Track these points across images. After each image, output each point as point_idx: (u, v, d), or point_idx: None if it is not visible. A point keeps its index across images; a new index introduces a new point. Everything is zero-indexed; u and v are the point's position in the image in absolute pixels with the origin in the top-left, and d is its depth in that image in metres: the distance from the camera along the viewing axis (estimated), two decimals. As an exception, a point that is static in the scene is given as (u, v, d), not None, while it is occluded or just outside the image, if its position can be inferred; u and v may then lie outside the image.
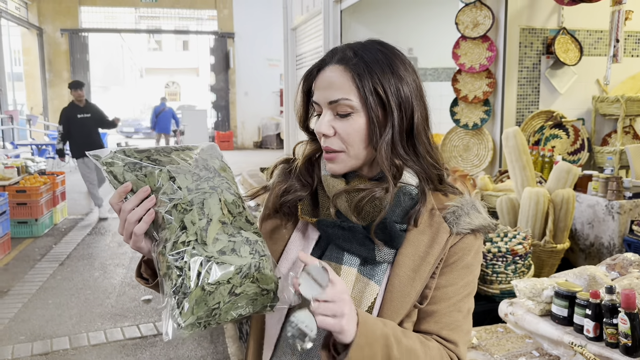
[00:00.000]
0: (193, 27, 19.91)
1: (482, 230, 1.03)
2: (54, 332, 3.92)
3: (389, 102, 0.98)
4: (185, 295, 0.86)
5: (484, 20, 3.69)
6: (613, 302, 1.73)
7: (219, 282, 0.87)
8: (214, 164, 1.00)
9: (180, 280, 0.86)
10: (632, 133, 4.05)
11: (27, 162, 7.17)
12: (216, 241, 0.90)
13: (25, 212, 6.44)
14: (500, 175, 3.70)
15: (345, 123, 0.99)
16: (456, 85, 3.83)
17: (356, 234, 1.00)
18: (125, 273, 5.23)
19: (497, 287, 2.45)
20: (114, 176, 0.94)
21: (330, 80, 0.99)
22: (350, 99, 0.98)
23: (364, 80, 0.97)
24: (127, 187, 0.93)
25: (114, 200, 0.94)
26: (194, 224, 0.89)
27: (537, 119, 3.89)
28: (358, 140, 1.00)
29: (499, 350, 1.92)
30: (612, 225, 2.86)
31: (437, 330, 1.01)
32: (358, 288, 1.00)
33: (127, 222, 0.92)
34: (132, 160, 0.94)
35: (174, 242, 0.88)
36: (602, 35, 3.99)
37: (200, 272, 0.86)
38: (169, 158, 0.96)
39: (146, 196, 0.92)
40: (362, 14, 6.29)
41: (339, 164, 1.01)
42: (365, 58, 0.99)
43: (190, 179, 0.93)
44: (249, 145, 17.06)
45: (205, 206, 0.91)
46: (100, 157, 0.95)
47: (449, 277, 1.02)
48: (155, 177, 0.92)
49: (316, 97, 1.02)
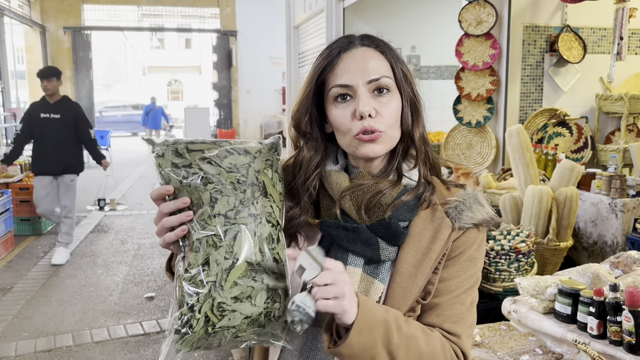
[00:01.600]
0: (195, 25, 19.90)
1: (484, 224, 1.02)
2: (57, 329, 3.93)
3: (412, 87, 1.01)
4: (189, 333, 0.87)
5: (487, 18, 3.68)
6: (617, 299, 1.73)
7: (224, 327, 0.88)
8: (265, 177, 0.94)
9: (187, 318, 0.86)
10: (636, 131, 4.04)
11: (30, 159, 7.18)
12: (234, 286, 0.88)
13: (28, 210, 6.45)
14: (503, 173, 3.69)
15: (384, 103, 0.98)
16: (459, 83, 3.82)
17: (360, 235, 0.99)
18: (128, 270, 5.24)
19: (500, 285, 2.45)
20: (160, 172, 0.92)
21: (365, 59, 0.98)
22: (390, 77, 0.99)
23: (395, 62, 1.00)
24: (168, 191, 0.91)
25: (154, 196, 0.92)
26: (218, 264, 0.87)
27: (541, 116, 3.88)
28: (395, 121, 1.00)
29: (502, 348, 1.92)
30: (615, 223, 2.86)
31: (439, 323, 1.00)
32: (363, 287, 1.00)
33: (162, 225, 0.91)
34: (181, 160, 0.90)
35: (194, 275, 0.87)
36: (606, 32, 3.98)
37: (208, 316, 0.86)
38: (218, 169, 0.90)
39: (184, 207, 0.90)
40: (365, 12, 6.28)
41: (381, 144, 0.99)
42: (388, 44, 1.02)
43: (232, 203, 0.90)
44: (251, 144, 17.05)
45: (236, 242, 0.88)
46: (155, 144, 0.92)
47: (451, 270, 1.02)
48: (197, 193, 0.90)
49: (346, 80, 0.98)
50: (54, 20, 15.54)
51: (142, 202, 8.55)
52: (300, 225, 1.03)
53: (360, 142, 0.98)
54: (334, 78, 0.99)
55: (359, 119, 0.97)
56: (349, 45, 1.00)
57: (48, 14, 15.48)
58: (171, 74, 33.57)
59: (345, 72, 0.98)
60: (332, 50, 1.01)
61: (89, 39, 16.21)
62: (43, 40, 15.45)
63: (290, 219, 1.02)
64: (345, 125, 0.99)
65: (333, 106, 1.00)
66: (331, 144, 1.08)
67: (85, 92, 16.22)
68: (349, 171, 1.04)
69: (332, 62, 0.99)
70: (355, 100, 0.97)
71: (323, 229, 1.02)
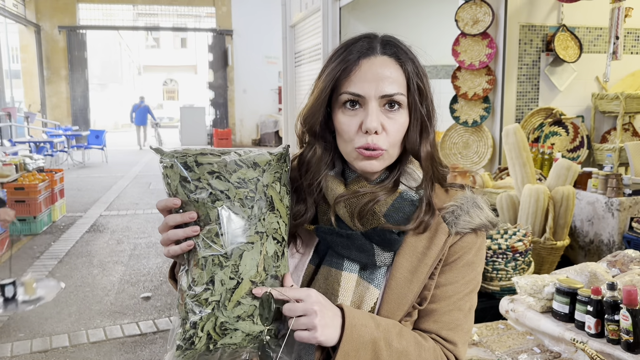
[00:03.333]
0: (191, 24, 19.86)
1: (482, 228, 1.01)
2: (53, 330, 3.91)
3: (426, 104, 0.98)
4: (190, 349, 0.88)
5: (484, 17, 3.68)
6: (614, 298, 1.73)
7: (225, 344, 0.89)
8: (274, 192, 0.94)
9: (189, 335, 0.87)
10: (632, 130, 4.05)
11: (25, 159, 7.15)
12: (237, 305, 0.88)
13: (24, 210, 6.42)
14: (499, 172, 3.70)
15: (392, 120, 0.96)
16: (456, 82, 3.82)
17: (355, 241, 0.98)
18: (124, 270, 5.23)
19: (498, 284, 2.45)
20: (168, 183, 0.91)
21: (383, 72, 0.95)
22: (404, 95, 0.96)
23: (413, 77, 0.96)
24: (175, 204, 0.90)
25: (160, 207, 0.92)
26: (222, 284, 0.88)
27: (537, 116, 3.89)
28: (399, 139, 0.98)
29: (500, 347, 1.92)
30: (611, 222, 2.87)
31: (436, 330, 1.00)
32: (358, 293, 0.99)
33: (167, 237, 0.90)
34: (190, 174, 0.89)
35: (197, 294, 0.88)
36: (602, 32, 3.99)
37: (211, 335, 0.88)
38: (227, 185, 0.89)
39: (190, 221, 0.89)
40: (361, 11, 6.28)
41: (381, 161, 0.97)
42: (409, 53, 0.98)
43: (239, 222, 0.89)
44: (247, 143, 17.05)
45: (242, 262, 0.89)
46: (164, 153, 0.91)
47: (448, 275, 1.00)
48: (205, 209, 0.89)
49: (359, 89, 0.95)
50: (48, 19, 15.48)
51: (137, 202, 8.53)
52: (302, 224, 1.02)
53: (359, 155, 0.96)
54: (348, 84, 0.96)
55: (364, 133, 0.95)
56: (368, 52, 0.97)
57: (43, 13, 15.42)
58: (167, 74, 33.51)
59: (360, 81, 0.95)
60: (351, 54, 0.97)
61: (84, 38, 16.17)
62: (38, 40, 15.40)
63: (295, 217, 1.01)
64: (349, 134, 0.96)
65: (340, 111, 0.97)
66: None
67: (80, 91, 16.17)
68: (346, 175, 1.03)
69: (349, 68, 0.96)
70: (364, 110, 0.95)
71: (318, 235, 1.01)
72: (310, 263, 1.03)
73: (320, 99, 0.98)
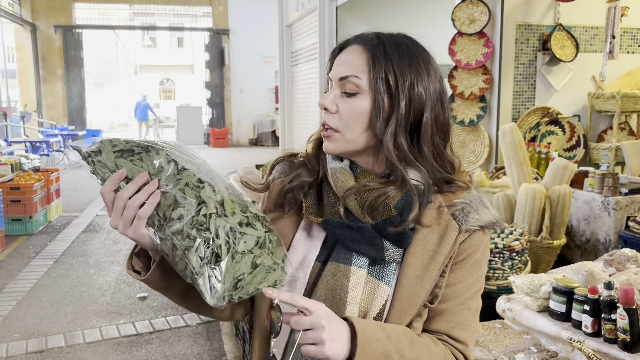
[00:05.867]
0: (187, 23, 19.84)
1: (490, 226, 1.01)
2: (48, 330, 3.90)
3: (397, 92, 0.96)
4: (218, 263, 0.87)
5: (480, 17, 3.68)
6: (611, 297, 1.73)
7: (244, 251, 0.89)
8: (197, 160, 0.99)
9: (210, 251, 0.87)
10: (628, 129, 4.06)
11: (21, 159, 7.13)
12: (234, 214, 0.91)
13: (20, 210, 6.40)
14: (496, 171, 3.70)
15: (349, 103, 0.98)
16: (452, 81, 3.82)
17: (365, 234, 0.96)
18: (120, 270, 5.21)
19: (494, 284, 2.45)
20: (104, 164, 0.90)
21: (347, 57, 0.99)
22: (360, 78, 0.96)
23: (378, 63, 0.96)
24: (121, 174, 0.89)
25: (106, 189, 0.90)
26: (211, 198, 0.90)
27: (533, 115, 3.89)
28: (357, 123, 0.97)
29: (497, 346, 1.92)
30: (608, 221, 2.87)
31: (447, 330, 0.99)
32: (368, 290, 0.98)
33: (127, 209, 0.89)
34: (122, 146, 0.91)
35: (192, 217, 0.87)
36: (598, 31, 4.00)
37: (228, 240, 0.88)
38: (162, 143, 0.94)
39: (145, 182, 0.89)
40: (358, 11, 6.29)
41: (333, 143, 1.00)
42: (387, 44, 0.98)
43: (190, 163, 0.93)
44: (244, 143, 17.03)
45: (215, 182, 0.92)
46: (82, 149, 0.92)
47: (458, 274, 1.00)
48: (153, 161, 0.90)
49: (330, 73, 1.02)
50: (44, 18, 15.43)
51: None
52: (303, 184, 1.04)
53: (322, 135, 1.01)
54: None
55: (323, 110, 1.00)
56: (346, 43, 1.03)
57: (39, 13, 15.37)
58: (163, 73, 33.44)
59: (333, 67, 1.01)
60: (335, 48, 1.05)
61: (80, 38, 16.11)
62: (34, 39, 15.35)
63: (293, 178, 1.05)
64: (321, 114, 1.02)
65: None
66: None
67: (76, 91, 16.12)
68: (353, 168, 1.03)
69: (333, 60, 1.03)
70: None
71: (326, 228, 0.99)
72: (317, 260, 1.01)
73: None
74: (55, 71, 15.69)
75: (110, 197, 0.90)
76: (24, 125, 12.95)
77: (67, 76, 15.88)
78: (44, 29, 15.47)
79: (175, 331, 3.89)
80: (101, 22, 17.79)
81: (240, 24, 16.33)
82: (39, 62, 15.52)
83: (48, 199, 7.01)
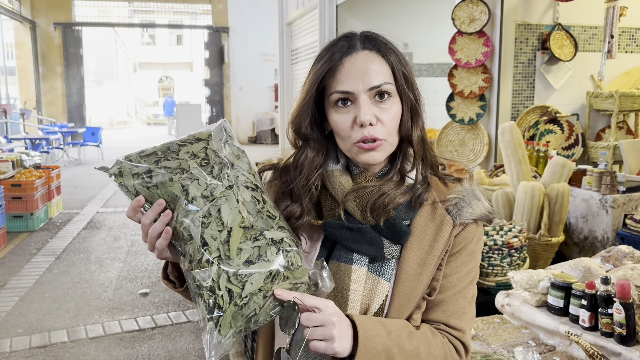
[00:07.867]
0: (187, 21, 19.81)
1: (483, 218, 1.05)
2: (51, 325, 3.93)
3: (412, 89, 1.01)
4: (220, 314, 0.86)
5: (480, 16, 3.71)
6: (608, 292, 1.77)
7: (249, 293, 0.87)
8: (226, 153, 0.96)
9: (213, 301, 0.86)
10: (626, 128, 4.10)
11: (22, 156, 7.14)
12: (240, 251, 0.88)
13: (21, 206, 6.42)
14: (495, 169, 3.74)
15: (385, 110, 0.98)
16: (452, 80, 3.85)
17: (365, 235, 0.99)
18: (121, 267, 5.24)
19: (493, 280, 2.48)
20: (126, 188, 0.92)
21: (367, 66, 0.97)
22: (391, 83, 0.99)
23: (396, 64, 0.99)
24: (140, 202, 0.91)
25: (130, 214, 0.93)
26: (214, 239, 0.87)
27: (532, 114, 3.92)
28: (395, 127, 1.00)
29: (496, 341, 1.95)
30: (605, 219, 2.91)
31: (445, 319, 1.03)
32: (369, 287, 1.01)
33: (149, 237, 0.92)
34: (139, 169, 0.92)
35: (198, 260, 0.87)
36: (597, 31, 4.03)
37: (230, 289, 0.86)
38: (177, 161, 0.92)
39: (162, 209, 0.91)
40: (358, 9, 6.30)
41: (381, 152, 0.99)
42: (389, 44, 1.01)
43: (204, 184, 0.90)
44: (243, 140, 17.02)
45: (223, 214, 0.89)
46: (108, 169, 0.93)
47: (453, 265, 1.04)
48: (168, 189, 0.91)
49: (347, 86, 0.97)
50: (44, 15, 15.42)
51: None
52: (302, 226, 1.02)
53: (360, 149, 0.98)
54: (335, 84, 0.98)
55: (360, 127, 0.96)
56: (350, 50, 0.99)
57: (38, 10, 15.35)
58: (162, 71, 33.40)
59: (346, 79, 0.97)
60: (334, 55, 0.99)
61: (79, 35, 16.10)
62: (33, 36, 15.33)
63: (289, 217, 1.01)
64: (345, 131, 0.98)
65: (333, 110, 1.00)
66: (330, 142, 1.07)
67: (76, 88, 16.11)
68: (350, 170, 1.04)
69: (334, 68, 0.98)
70: (355, 106, 0.97)
71: (326, 230, 1.01)
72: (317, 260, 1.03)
73: (305, 99, 1.01)
74: (55, 68, 15.68)
75: (137, 220, 0.93)
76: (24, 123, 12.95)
77: (66, 73, 15.87)
78: (43, 26, 15.45)
79: (177, 327, 3.93)
80: (101, 19, 17.78)
81: (240, 21, 16.31)
82: (38, 60, 15.51)
83: (49, 195, 7.03)
